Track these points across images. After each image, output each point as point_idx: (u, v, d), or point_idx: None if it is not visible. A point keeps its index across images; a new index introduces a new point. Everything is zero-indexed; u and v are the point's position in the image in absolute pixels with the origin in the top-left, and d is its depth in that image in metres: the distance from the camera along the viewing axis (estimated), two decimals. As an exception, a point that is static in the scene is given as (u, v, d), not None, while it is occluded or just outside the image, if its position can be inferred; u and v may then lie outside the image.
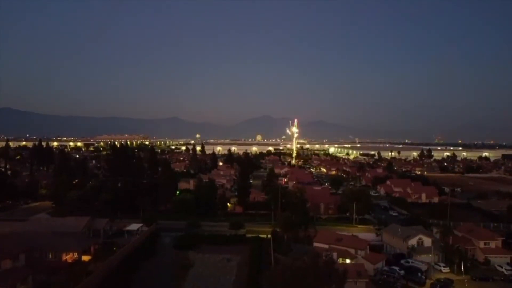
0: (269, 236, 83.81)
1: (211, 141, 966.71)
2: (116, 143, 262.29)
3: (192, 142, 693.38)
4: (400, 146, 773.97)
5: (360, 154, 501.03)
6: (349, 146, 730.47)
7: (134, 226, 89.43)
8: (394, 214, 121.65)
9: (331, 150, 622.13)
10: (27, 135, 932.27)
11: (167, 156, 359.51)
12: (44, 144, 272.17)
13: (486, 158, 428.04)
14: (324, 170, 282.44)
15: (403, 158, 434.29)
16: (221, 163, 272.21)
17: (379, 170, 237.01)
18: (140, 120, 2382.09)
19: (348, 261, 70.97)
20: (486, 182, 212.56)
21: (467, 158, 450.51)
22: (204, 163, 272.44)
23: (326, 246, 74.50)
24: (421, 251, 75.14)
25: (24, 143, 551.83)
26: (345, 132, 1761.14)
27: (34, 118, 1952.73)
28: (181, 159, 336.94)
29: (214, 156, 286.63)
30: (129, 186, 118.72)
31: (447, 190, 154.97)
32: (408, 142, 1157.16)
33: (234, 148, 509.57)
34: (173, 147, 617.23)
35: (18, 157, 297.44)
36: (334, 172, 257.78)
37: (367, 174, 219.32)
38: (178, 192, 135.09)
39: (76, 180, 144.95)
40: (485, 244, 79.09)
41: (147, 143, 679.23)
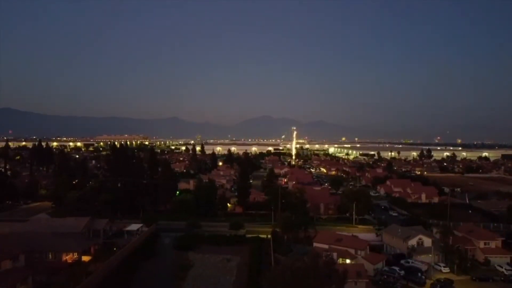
0: (269, 236, 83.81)
1: (211, 141, 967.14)
2: (116, 143, 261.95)
3: (192, 142, 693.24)
4: (400, 146, 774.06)
5: (360, 154, 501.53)
6: (348, 146, 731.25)
7: (134, 227, 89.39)
8: (394, 214, 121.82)
9: (331, 150, 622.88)
10: (26, 136, 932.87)
11: (167, 156, 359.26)
12: (44, 144, 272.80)
13: (486, 158, 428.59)
14: (324, 170, 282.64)
15: (403, 158, 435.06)
16: (221, 163, 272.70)
17: (379, 170, 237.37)
18: (140, 120, 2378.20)
19: (348, 261, 71.03)
20: (486, 182, 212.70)
21: (467, 158, 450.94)
22: (204, 163, 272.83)
23: (326, 247, 74.61)
24: (421, 251, 75.25)
25: (24, 143, 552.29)
26: (345, 132, 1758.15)
27: (34, 118, 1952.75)
28: (181, 159, 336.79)
29: (214, 156, 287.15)
30: (129, 186, 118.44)
31: (447, 190, 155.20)
32: (408, 142, 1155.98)
33: (234, 148, 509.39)
34: (173, 147, 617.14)
35: (18, 157, 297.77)
36: (334, 172, 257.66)
37: (367, 174, 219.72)
38: (178, 192, 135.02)
39: (76, 181, 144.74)
40: (485, 244, 79.18)
41: (147, 143, 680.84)
